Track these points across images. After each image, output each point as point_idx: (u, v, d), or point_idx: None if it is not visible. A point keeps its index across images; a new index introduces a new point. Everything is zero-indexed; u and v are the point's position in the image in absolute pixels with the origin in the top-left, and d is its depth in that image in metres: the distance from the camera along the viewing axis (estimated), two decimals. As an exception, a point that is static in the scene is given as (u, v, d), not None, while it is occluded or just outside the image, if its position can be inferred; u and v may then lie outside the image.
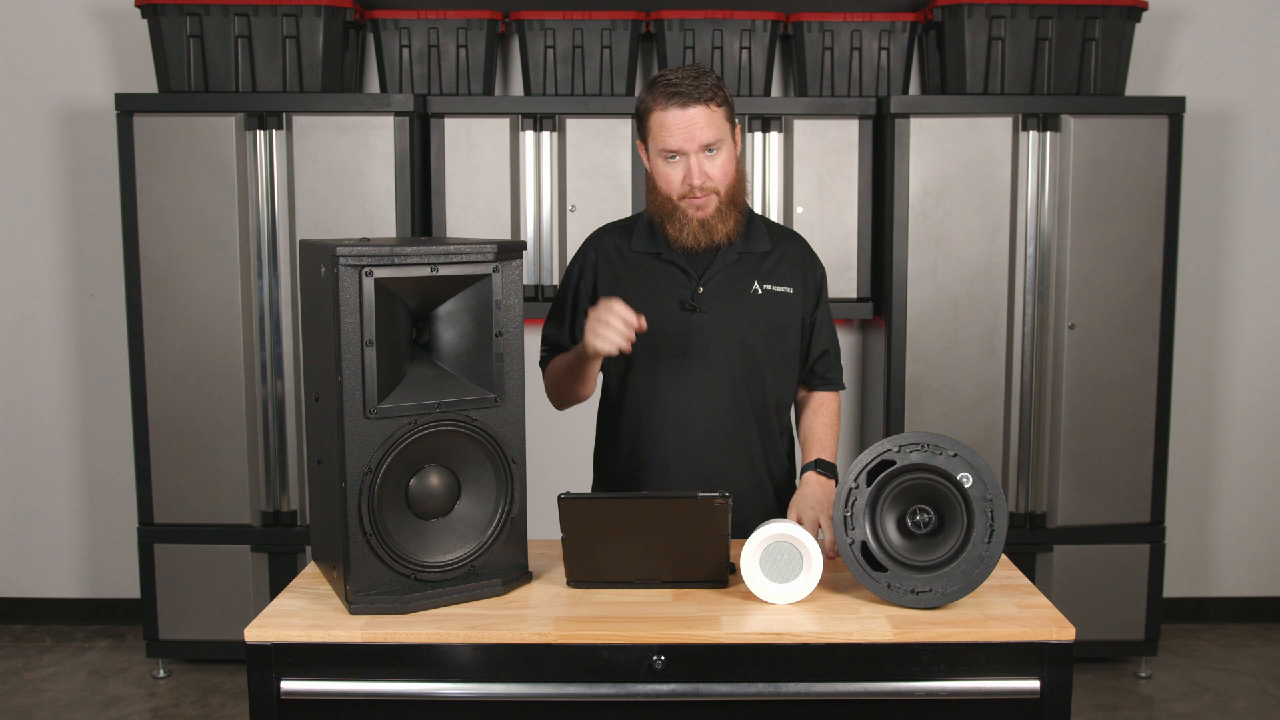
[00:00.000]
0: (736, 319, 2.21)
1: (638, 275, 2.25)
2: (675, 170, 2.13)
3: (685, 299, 2.21)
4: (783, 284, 2.26)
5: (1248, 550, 4.19)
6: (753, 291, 2.23)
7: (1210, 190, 4.05)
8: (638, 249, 2.26)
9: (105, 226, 3.96)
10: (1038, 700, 1.75)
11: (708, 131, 2.10)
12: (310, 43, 3.54)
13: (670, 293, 2.22)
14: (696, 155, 2.11)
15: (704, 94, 2.10)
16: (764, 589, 1.85)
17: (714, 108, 2.11)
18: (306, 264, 1.95)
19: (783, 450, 2.36)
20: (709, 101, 2.10)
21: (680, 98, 2.09)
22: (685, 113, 2.09)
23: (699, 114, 2.09)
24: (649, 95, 2.14)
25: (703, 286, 2.21)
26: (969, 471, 1.82)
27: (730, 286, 2.22)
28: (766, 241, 2.27)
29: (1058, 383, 3.59)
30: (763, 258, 2.26)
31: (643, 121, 2.17)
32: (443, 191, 3.64)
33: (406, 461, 1.82)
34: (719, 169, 2.14)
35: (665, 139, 2.11)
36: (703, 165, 2.12)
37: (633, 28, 3.67)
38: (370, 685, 1.75)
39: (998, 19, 3.55)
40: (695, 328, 2.20)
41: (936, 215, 3.54)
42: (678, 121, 2.09)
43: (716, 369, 2.22)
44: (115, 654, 3.94)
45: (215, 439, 3.56)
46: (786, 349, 2.28)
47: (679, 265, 2.22)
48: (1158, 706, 3.55)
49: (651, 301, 2.20)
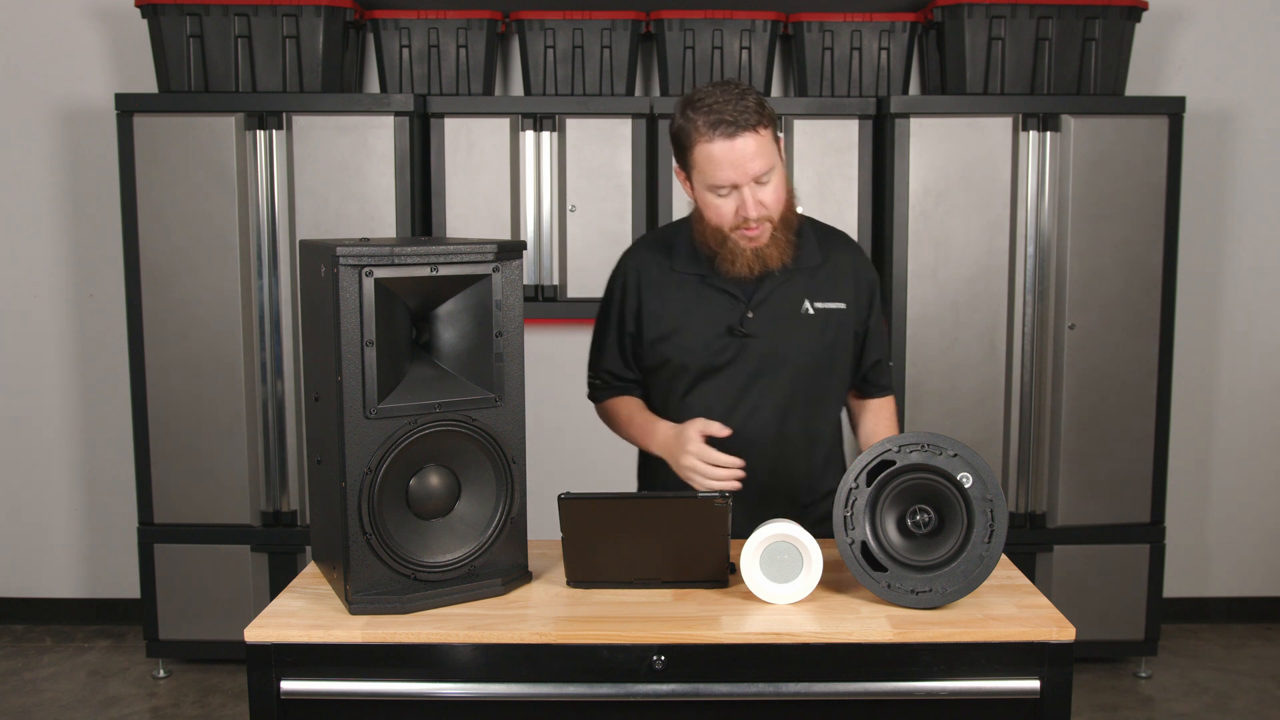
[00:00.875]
0: (788, 342, 2.13)
1: (683, 298, 2.15)
2: (726, 203, 2.02)
3: (734, 324, 2.12)
4: (834, 299, 2.16)
5: (1248, 550, 4.19)
6: (804, 311, 2.14)
7: (1210, 190, 4.05)
8: (680, 269, 2.16)
9: (105, 226, 3.96)
10: (1038, 700, 1.75)
11: (759, 161, 1.98)
12: (310, 43, 3.55)
13: (718, 318, 2.13)
14: (749, 187, 1.99)
15: (750, 119, 1.96)
16: (764, 589, 1.85)
17: (761, 132, 1.98)
18: (306, 264, 1.95)
19: (835, 469, 2.28)
20: (756, 127, 1.97)
21: (726, 127, 1.96)
22: (734, 144, 1.96)
23: (748, 143, 1.97)
24: (689, 125, 2.00)
25: (752, 311, 2.12)
26: (969, 471, 1.82)
27: (780, 308, 2.13)
28: (816, 253, 2.17)
29: (1058, 383, 3.59)
30: (813, 272, 2.15)
31: (683, 151, 2.04)
32: (443, 191, 3.64)
33: (406, 461, 1.82)
34: (772, 196, 2.02)
35: (715, 174, 1.99)
36: (757, 195, 2.00)
37: (633, 28, 3.67)
38: (370, 685, 1.75)
39: (998, 19, 3.55)
40: (745, 353, 2.13)
41: (936, 215, 3.54)
42: (727, 155, 1.97)
43: (766, 393, 2.15)
44: (115, 654, 3.94)
45: (215, 439, 3.56)
46: (839, 365, 2.20)
47: (725, 288, 2.12)
48: (1158, 706, 3.55)
49: (699, 327, 2.13)
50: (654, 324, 2.18)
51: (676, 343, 2.16)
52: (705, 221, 2.08)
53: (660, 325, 2.17)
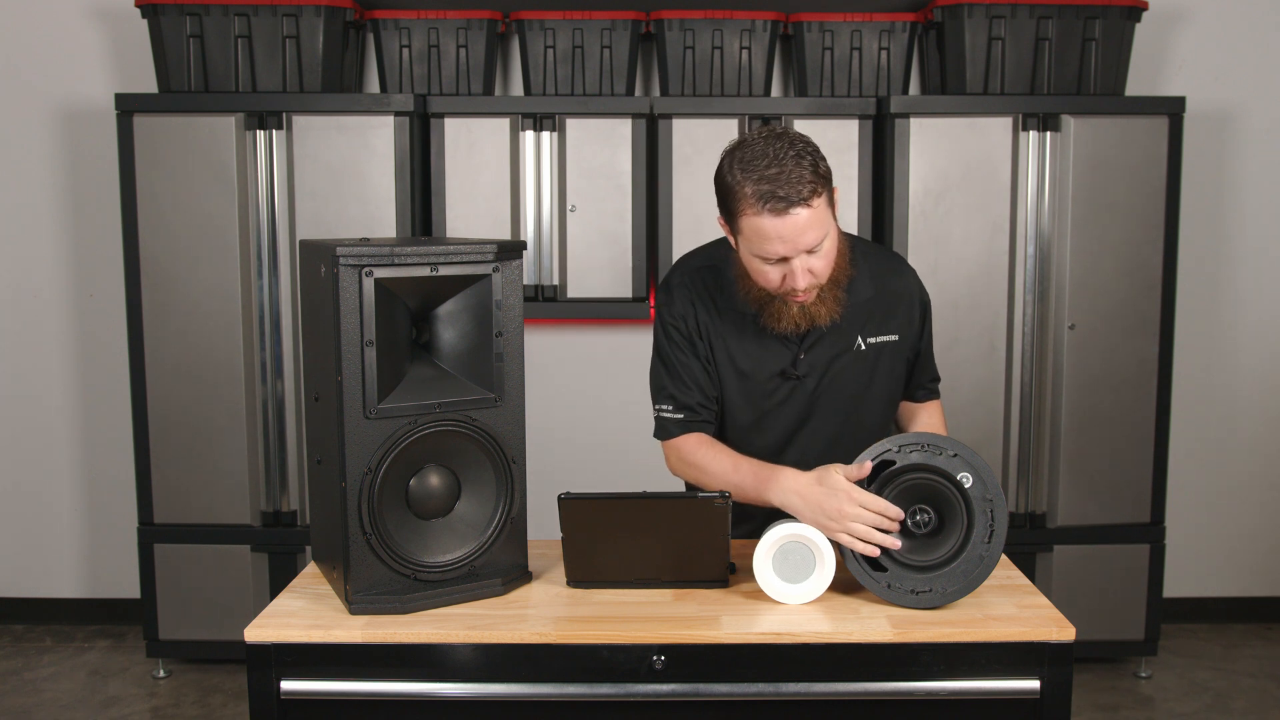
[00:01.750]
0: (840, 381, 2.09)
1: (734, 342, 2.07)
2: (774, 270, 1.91)
3: (787, 368, 2.07)
4: (887, 333, 2.10)
5: (1248, 550, 4.19)
6: (855, 348, 2.08)
7: (1210, 190, 4.05)
8: (727, 306, 2.07)
9: (105, 226, 3.96)
10: (1038, 700, 1.75)
11: (811, 235, 1.85)
12: (310, 43, 3.54)
13: (770, 362, 2.07)
14: (800, 257, 1.88)
15: (803, 192, 1.82)
16: (776, 589, 1.85)
17: (815, 203, 1.84)
18: (306, 264, 1.95)
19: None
20: (810, 199, 1.83)
21: (777, 202, 1.82)
22: (785, 220, 1.83)
23: (800, 219, 1.83)
24: (737, 188, 1.86)
25: (804, 353, 2.07)
26: (969, 471, 1.82)
27: (832, 348, 2.07)
28: (869, 286, 2.08)
29: (1058, 383, 3.59)
30: (865, 306, 2.08)
31: (729, 212, 1.91)
32: (443, 191, 3.64)
33: (406, 461, 1.82)
34: (823, 263, 1.92)
35: (764, 248, 1.87)
36: (807, 265, 1.89)
37: (633, 28, 3.67)
38: (370, 685, 1.75)
39: (998, 19, 3.55)
40: (797, 396, 2.09)
41: (936, 215, 3.54)
42: (777, 232, 1.84)
43: (819, 433, 2.11)
44: (115, 654, 3.94)
45: (215, 439, 3.56)
46: (891, 394, 2.17)
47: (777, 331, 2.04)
48: (1158, 706, 3.54)
49: (751, 372, 2.08)
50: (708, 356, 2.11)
51: (731, 382, 2.10)
52: (751, 282, 1.99)
53: (713, 361, 2.10)
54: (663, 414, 2.11)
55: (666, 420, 2.11)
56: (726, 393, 2.11)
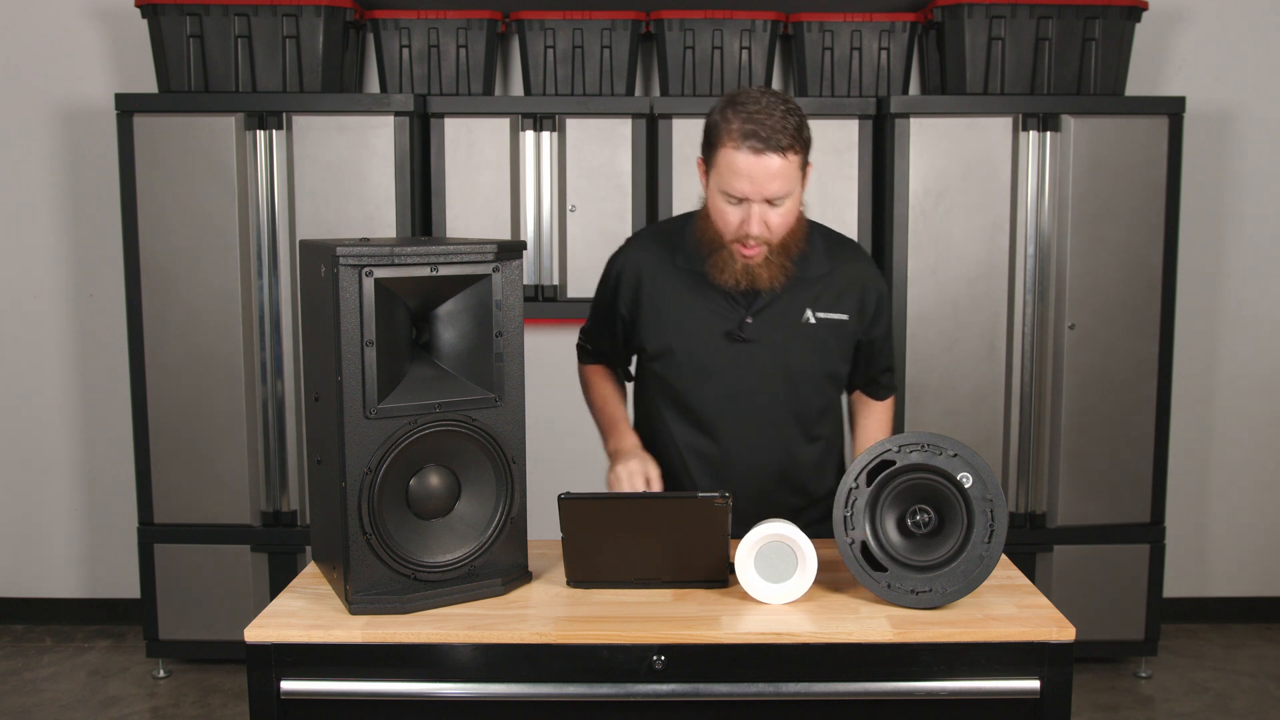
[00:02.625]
0: (786, 350, 2.13)
1: (683, 295, 2.15)
2: (733, 212, 2.02)
3: (733, 329, 2.13)
4: (837, 310, 2.15)
5: (1247, 550, 4.19)
6: (804, 320, 2.13)
7: (1210, 190, 4.05)
8: (684, 265, 2.15)
9: (105, 226, 3.96)
10: (1038, 700, 1.75)
11: (778, 184, 1.97)
12: (310, 43, 3.54)
13: (717, 323, 2.13)
14: (760, 204, 1.99)
15: (783, 141, 1.95)
16: (759, 589, 1.85)
17: (790, 157, 1.97)
18: (306, 264, 1.95)
19: (831, 472, 2.29)
20: (786, 150, 1.96)
21: (757, 141, 1.94)
22: (758, 160, 1.95)
23: (772, 164, 1.96)
24: (725, 123, 1.99)
25: (751, 317, 2.12)
26: (969, 471, 1.82)
27: (780, 316, 2.12)
28: (824, 263, 2.15)
29: (1058, 383, 3.59)
30: (817, 282, 2.14)
31: (710, 146, 2.03)
32: (443, 191, 3.64)
33: (406, 461, 1.82)
34: (779, 220, 2.02)
35: (732, 183, 1.99)
36: (764, 215, 2.00)
37: (633, 28, 3.67)
38: (370, 685, 1.75)
39: (998, 19, 3.55)
40: (742, 359, 2.13)
41: (936, 215, 3.54)
42: (748, 169, 1.96)
43: (763, 399, 2.15)
44: (115, 654, 3.94)
45: (215, 439, 3.56)
46: (838, 374, 2.20)
47: (727, 291, 2.12)
48: (1158, 706, 3.55)
49: (697, 327, 2.14)
50: (653, 316, 2.18)
51: (675, 338, 2.16)
52: (709, 222, 2.08)
53: (659, 318, 2.17)
54: (580, 343, 2.42)
55: (580, 348, 2.42)
56: (674, 348, 2.16)
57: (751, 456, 2.18)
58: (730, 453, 2.18)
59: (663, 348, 2.18)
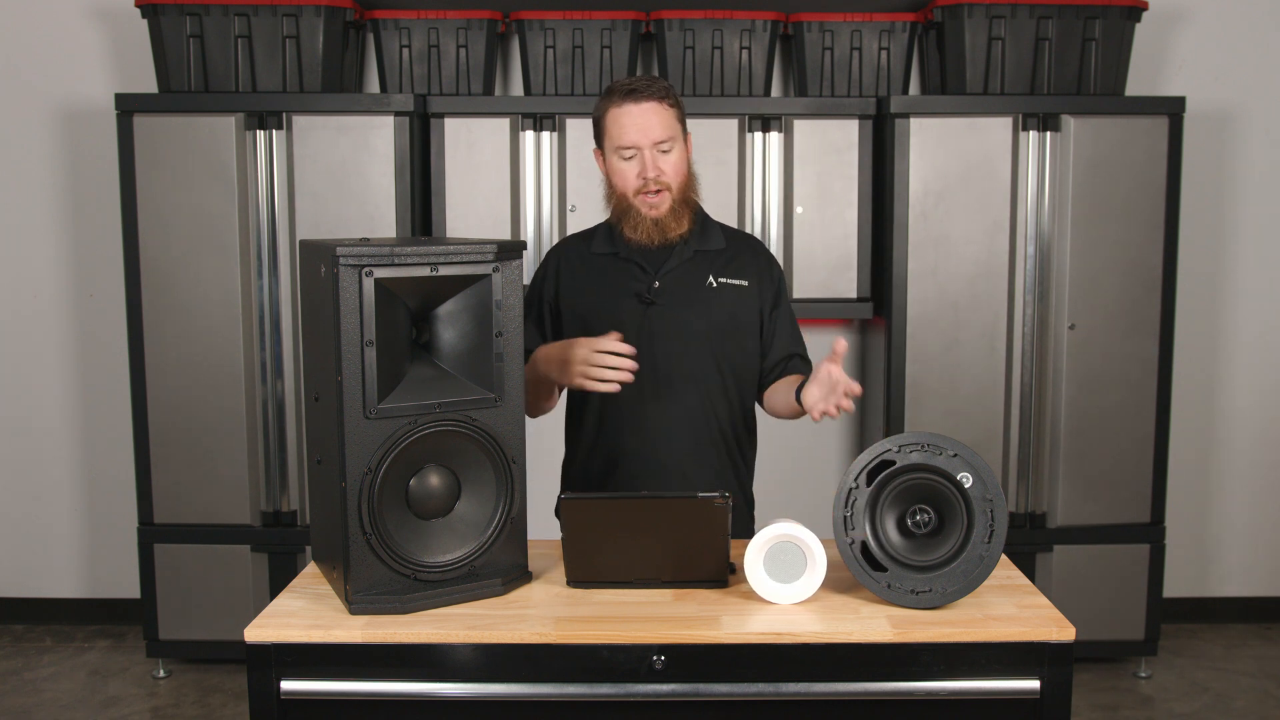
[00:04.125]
0: (692, 310, 2.28)
1: (597, 275, 2.32)
2: (630, 167, 2.23)
3: (642, 292, 2.27)
4: (737, 277, 2.32)
5: (1248, 550, 4.19)
6: (708, 284, 2.30)
7: (1210, 190, 4.05)
8: (597, 251, 2.34)
9: (105, 226, 3.96)
10: (1038, 700, 1.75)
11: (660, 129, 2.20)
12: (310, 43, 3.55)
13: (628, 288, 2.28)
14: (650, 150, 2.20)
15: (656, 92, 2.21)
16: (768, 589, 1.85)
17: (666, 106, 2.22)
18: (306, 264, 1.95)
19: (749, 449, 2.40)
20: (662, 99, 2.21)
21: (634, 94, 2.20)
22: (639, 107, 2.19)
23: (652, 110, 2.20)
24: (604, 99, 2.25)
25: (658, 281, 2.28)
26: (969, 471, 1.82)
27: (686, 280, 2.29)
28: (721, 240, 2.35)
29: (1058, 383, 3.59)
30: (718, 255, 2.33)
31: (599, 125, 2.27)
32: (443, 191, 3.64)
33: (406, 461, 1.82)
34: (672, 166, 2.23)
35: (620, 135, 2.21)
36: (657, 160, 2.21)
37: (633, 28, 3.67)
38: (370, 685, 1.75)
39: (998, 19, 3.55)
40: (653, 320, 2.26)
41: (936, 215, 3.54)
42: (632, 117, 2.20)
43: (676, 361, 2.27)
44: (115, 654, 3.94)
45: (215, 439, 3.56)
46: (746, 343, 2.32)
47: (636, 262, 2.29)
48: (1158, 706, 3.55)
49: (610, 298, 2.29)
50: (571, 297, 2.34)
51: (589, 309, 2.31)
52: (614, 189, 2.27)
53: (576, 297, 2.33)
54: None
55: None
56: (588, 318, 2.31)
57: (667, 419, 2.27)
58: (647, 415, 2.27)
59: (580, 316, 2.31)
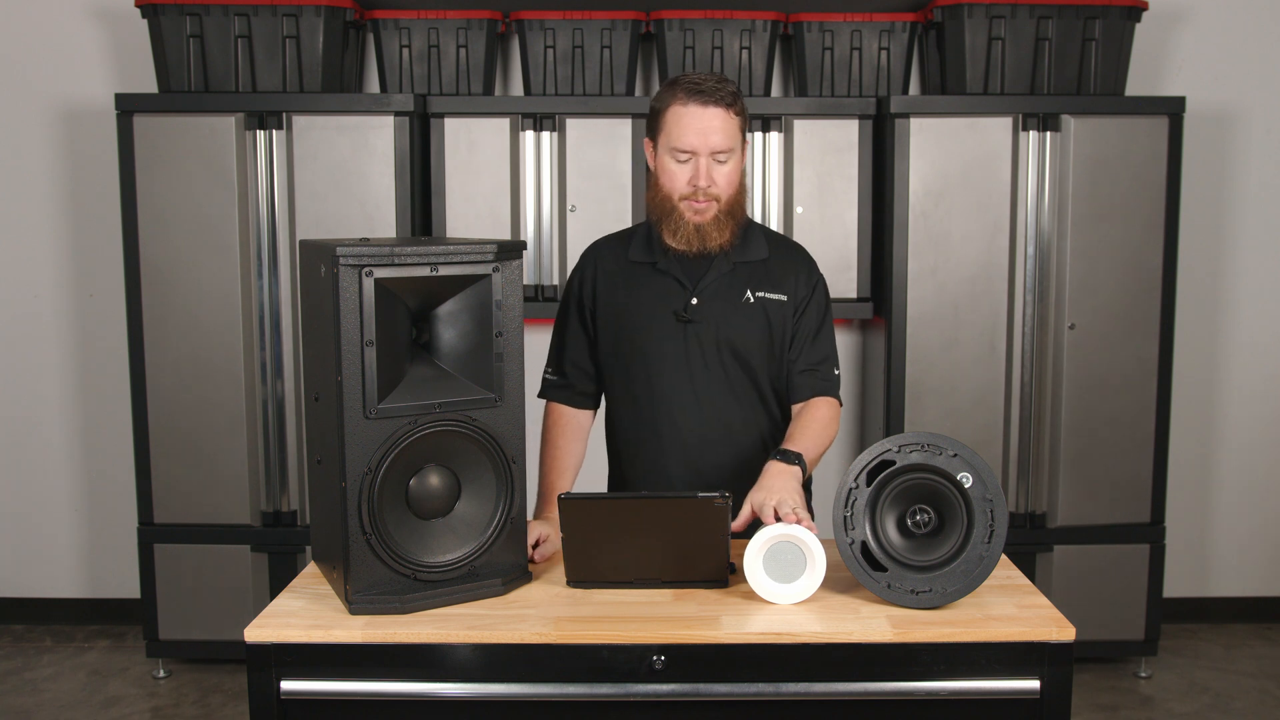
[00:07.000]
0: (729, 328, 2.21)
1: (634, 288, 2.26)
2: (683, 171, 2.14)
3: (679, 310, 2.21)
4: (776, 291, 2.24)
5: (1248, 550, 4.19)
6: (744, 300, 2.23)
7: (1210, 190, 4.05)
8: (634, 259, 2.26)
9: (105, 226, 3.96)
10: (1038, 700, 1.75)
11: (721, 138, 2.11)
12: (310, 43, 3.55)
13: (665, 304, 2.22)
14: (707, 158, 2.12)
15: (725, 98, 2.12)
16: (767, 589, 1.85)
17: (732, 115, 2.13)
18: (306, 264, 1.95)
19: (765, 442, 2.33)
20: (729, 107, 2.12)
21: (702, 95, 2.11)
22: (705, 111, 2.10)
23: (717, 116, 2.11)
24: (669, 91, 2.15)
25: (696, 297, 2.21)
26: (969, 471, 1.82)
27: (723, 295, 2.22)
28: (764, 249, 2.27)
29: (1058, 383, 3.59)
30: (758, 266, 2.25)
31: (656, 118, 2.17)
32: (443, 191, 3.64)
33: (406, 461, 1.82)
34: (725, 178, 2.14)
35: (680, 136, 2.12)
36: (711, 170, 2.13)
37: (633, 28, 3.67)
38: (370, 685, 1.75)
39: (998, 19, 3.55)
40: (690, 338, 2.21)
41: (936, 215, 3.54)
42: (696, 120, 2.11)
43: (714, 378, 2.22)
44: (115, 654, 3.94)
45: (215, 439, 3.56)
46: (778, 351, 2.27)
47: (674, 275, 2.22)
48: (1158, 706, 3.55)
49: (647, 316, 2.23)
50: (607, 309, 2.28)
51: (625, 325, 2.25)
52: (659, 189, 2.18)
53: (612, 310, 2.28)
54: (546, 376, 2.37)
55: (546, 383, 2.37)
56: (626, 334, 2.25)
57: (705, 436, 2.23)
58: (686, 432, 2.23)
59: (619, 332, 2.26)
